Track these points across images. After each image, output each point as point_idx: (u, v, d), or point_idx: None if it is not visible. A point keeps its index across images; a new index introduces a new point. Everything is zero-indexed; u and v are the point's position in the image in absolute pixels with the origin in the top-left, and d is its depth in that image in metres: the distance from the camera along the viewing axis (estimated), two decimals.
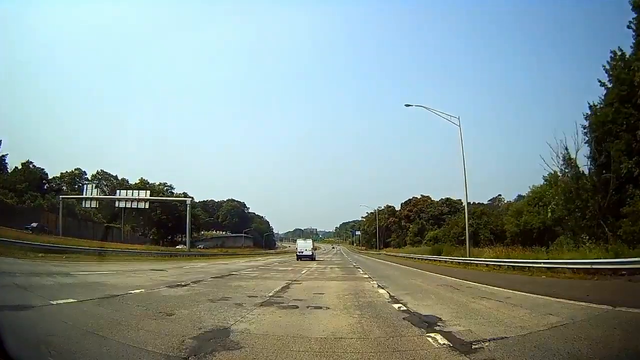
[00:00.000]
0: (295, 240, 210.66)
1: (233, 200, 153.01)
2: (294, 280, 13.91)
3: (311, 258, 39.78)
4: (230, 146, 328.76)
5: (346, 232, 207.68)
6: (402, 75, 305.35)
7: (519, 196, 63.36)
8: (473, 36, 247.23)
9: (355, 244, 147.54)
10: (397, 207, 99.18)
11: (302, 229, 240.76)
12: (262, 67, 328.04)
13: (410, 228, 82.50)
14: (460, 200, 67.38)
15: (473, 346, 4.35)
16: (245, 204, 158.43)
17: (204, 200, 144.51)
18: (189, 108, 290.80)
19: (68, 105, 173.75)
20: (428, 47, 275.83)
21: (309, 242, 43.93)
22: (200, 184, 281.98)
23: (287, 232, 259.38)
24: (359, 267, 24.94)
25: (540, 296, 8.48)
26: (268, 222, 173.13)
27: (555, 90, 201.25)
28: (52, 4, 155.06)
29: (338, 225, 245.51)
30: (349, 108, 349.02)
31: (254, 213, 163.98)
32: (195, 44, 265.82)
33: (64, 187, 67.45)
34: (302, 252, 40.89)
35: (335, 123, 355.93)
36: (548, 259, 15.40)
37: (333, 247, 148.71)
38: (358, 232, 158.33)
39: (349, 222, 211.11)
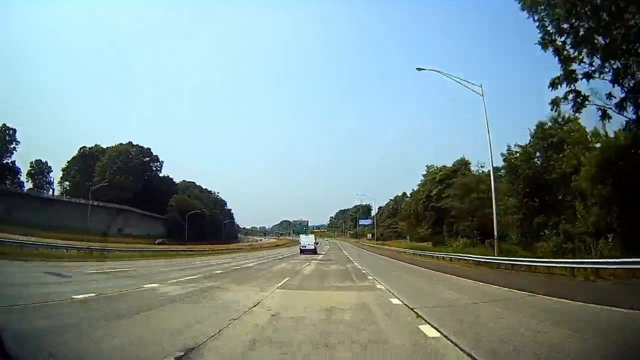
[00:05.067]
0: (282, 233, 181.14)
1: (131, 145, 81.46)
2: None
3: (314, 252, 44.02)
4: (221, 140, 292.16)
5: (344, 222, 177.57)
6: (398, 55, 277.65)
7: None
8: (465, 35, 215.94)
9: (370, 238, 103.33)
10: None
11: (291, 220, 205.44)
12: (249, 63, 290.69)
13: None
14: None
15: None
16: (153, 154, 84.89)
17: (84, 147, 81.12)
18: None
19: None
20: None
21: (311, 237, 51.02)
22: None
23: (273, 225, 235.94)
24: None
25: None
26: (225, 202, 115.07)
27: None
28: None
29: (333, 215, 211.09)
30: (341, 98, 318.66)
31: (194, 182, 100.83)
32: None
33: None
34: (305, 246, 45.58)
35: (331, 115, 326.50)
36: None
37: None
38: (365, 221, 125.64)
39: (347, 209, 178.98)
